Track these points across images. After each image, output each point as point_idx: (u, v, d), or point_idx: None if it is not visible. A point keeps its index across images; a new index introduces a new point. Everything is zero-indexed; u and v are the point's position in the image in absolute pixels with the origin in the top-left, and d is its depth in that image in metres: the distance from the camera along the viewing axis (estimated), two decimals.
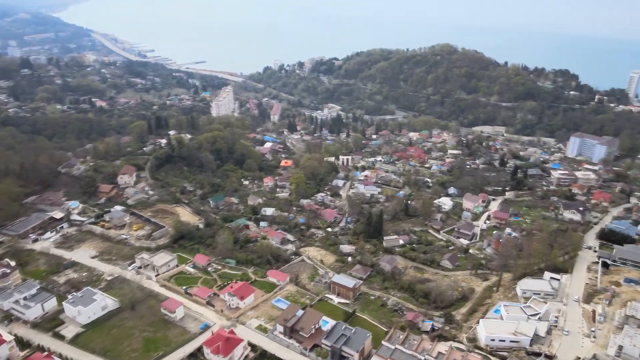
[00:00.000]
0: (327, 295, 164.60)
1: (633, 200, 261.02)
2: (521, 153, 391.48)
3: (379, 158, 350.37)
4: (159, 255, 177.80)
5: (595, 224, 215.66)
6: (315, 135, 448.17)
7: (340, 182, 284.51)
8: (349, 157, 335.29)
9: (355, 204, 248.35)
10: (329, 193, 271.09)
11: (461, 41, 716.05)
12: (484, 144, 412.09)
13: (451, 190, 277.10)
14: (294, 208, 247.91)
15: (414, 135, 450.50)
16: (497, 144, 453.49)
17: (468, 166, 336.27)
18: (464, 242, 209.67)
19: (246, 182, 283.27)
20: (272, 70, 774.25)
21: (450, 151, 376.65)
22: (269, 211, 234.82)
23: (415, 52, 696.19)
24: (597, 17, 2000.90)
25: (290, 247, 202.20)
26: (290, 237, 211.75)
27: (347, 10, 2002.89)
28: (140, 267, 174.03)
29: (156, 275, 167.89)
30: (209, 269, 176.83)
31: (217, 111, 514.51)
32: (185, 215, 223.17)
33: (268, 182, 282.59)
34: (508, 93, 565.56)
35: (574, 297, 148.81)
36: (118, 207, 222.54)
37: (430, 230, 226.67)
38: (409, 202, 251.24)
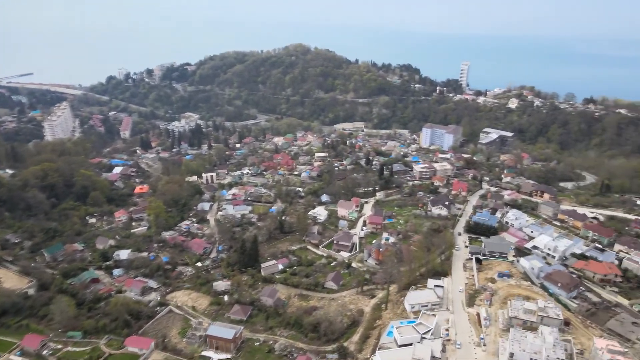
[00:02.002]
0: (204, 353, 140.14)
1: (485, 186, 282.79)
2: (383, 148, 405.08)
3: (245, 170, 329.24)
4: None
5: (460, 216, 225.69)
6: (174, 150, 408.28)
7: (206, 205, 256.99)
8: (213, 174, 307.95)
9: (226, 229, 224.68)
10: (195, 220, 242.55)
11: (313, 40, 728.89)
12: (348, 142, 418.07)
13: (324, 197, 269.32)
14: (155, 245, 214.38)
15: (279, 140, 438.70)
16: (359, 140, 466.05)
17: (336, 168, 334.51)
18: (344, 255, 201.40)
19: (93, 221, 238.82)
20: (118, 79, 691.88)
21: (317, 154, 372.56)
22: (123, 254, 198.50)
23: (270, 54, 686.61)
24: (431, 15, 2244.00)
25: (154, 297, 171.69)
26: (152, 283, 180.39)
27: (193, 12, 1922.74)
28: None
29: None
30: (45, 352, 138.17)
31: (52, 133, 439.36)
32: (9, 279, 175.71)
33: (121, 216, 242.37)
34: (363, 89, 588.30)
35: (458, 302, 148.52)
36: None
37: (309, 247, 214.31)
38: (283, 218, 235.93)
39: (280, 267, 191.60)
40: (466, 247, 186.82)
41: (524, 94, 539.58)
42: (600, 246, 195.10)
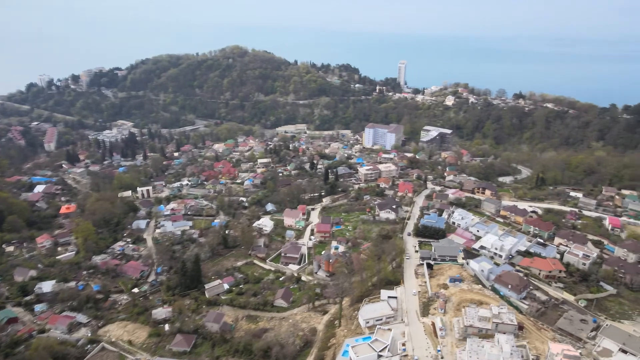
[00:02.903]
0: None
1: (429, 185, 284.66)
2: (326, 151, 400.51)
3: (185, 182, 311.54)
4: None
5: (408, 219, 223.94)
6: (105, 163, 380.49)
7: (142, 223, 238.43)
8: (150, 188, 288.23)
9: (165, 248, 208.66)
10: (129, 240, 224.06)
11: (250, 42, 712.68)
12: (291, 146, 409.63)
13: (269, 206, 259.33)
14: (85, 272, 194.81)
15: (219, 147, 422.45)
16: (302, 143, 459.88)
17: (280, 174, 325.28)
18: (293, 268, 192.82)
19: (10, 249, 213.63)
20: (40, 87, 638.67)
21: (260, 160, 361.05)
22: (47, 286, 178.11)
23: (205, 56, 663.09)
24: (368, 15, 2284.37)
25: (84, 334, 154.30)
26: (81, 317, 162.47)
27: (116, 12, 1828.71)
28: None
29: None
30: None
31: None
32: None
33: (43, 241, 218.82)
34: (303, 91, 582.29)
35: (413, 313, 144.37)
36: None
37: (256, 261, 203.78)
38: (227, 232, 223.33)
39: (226, 286, 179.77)
40: (416, 252, 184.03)
41: (459, 91, 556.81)
42: (542, 241, 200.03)
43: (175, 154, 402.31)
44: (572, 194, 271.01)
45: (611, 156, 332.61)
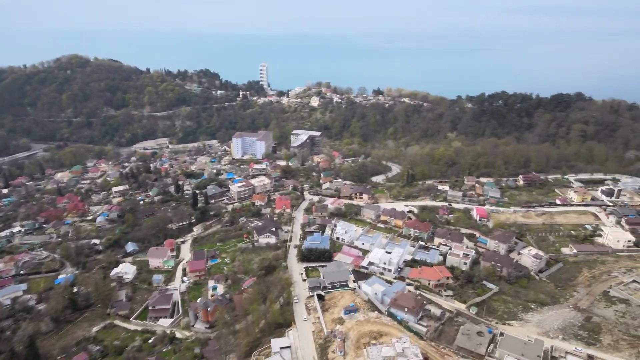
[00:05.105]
0: None
1: (307, 195, 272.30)
2: (193, 168, 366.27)
3: (16, 229, 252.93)
4: None
5: (290, 241, 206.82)
6: None
7: None
8: None
9: None
10: None
11: (91, 50, 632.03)
12: (152, 166, 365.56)
13: (130, 247, 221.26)
14: None
15: (64, 176, 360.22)
16: (165, 160, 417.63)
17: (142, 202, 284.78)
18: (165, 323, 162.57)
19: None
20: None
21: (114, 188, 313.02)
22: None
23: (36, 68, 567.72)
24: (227, 15, 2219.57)
25: None
26: None
27: None
28: None
29: None
30: None
31: None
32: None
33: None
34: (160, 102, 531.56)
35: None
36: None
37: (118, 322, 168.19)
38: (75, 289, 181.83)
39: None
40: (304, 280, 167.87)
41: (323, 91, 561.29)
42: (424, 244, 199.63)
43: (4, 191, 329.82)
44: (440, 187, 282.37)
45: (465, 145, 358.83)
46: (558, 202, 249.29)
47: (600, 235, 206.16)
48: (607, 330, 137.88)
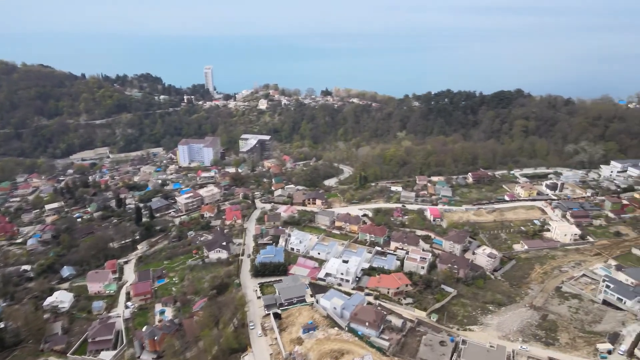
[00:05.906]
0: None
1: (258, 204, 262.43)
2: (136, 179, 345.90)
3: None
4: None
5: (242, 254, 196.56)
6: None
7: None
8: None
9: None
10: None
11: (18, 55, 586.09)
12: (90, 179, 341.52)
13: (66, 271, 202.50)
14: None
15: None
16: (106, 171, 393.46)
17: (79, 220, 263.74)
18: (107, 356, 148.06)
19: None
20: None
21: (48, 205, 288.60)
22: None
23: None
24: (171, 16, 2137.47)
25: None
26: None
27: None
28: None
29: None
30: None
31: None
32: None
33: None
34: (98, 109, 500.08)
35: None
36: None
37: (53, 358, 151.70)
38: (2, 324, 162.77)
39: None
40: (259, 298, 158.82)
41: (271, 94, 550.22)
42: (380, 249, 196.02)
43: None
44: (393, 188, 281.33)
45: (415, 144, 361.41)
46: (507, 198, 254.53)
47: (549, 230, 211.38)
48: (563, 328, 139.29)
